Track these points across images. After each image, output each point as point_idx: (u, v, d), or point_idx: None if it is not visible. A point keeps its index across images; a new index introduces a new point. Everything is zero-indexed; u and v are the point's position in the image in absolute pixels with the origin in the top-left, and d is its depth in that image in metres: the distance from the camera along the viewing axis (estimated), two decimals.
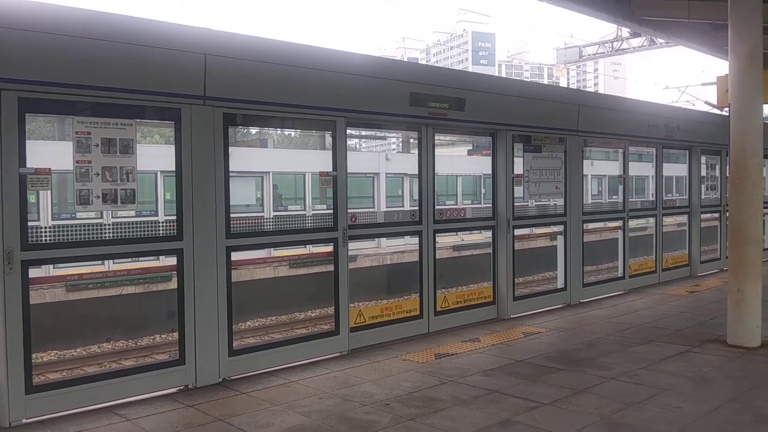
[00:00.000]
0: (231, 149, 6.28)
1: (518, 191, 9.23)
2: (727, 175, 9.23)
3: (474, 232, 14.95)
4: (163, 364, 6.19)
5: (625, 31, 22.13)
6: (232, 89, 6.12)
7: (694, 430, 4.82)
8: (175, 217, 5.90)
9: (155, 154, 14.72)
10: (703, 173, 13.34)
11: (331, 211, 7.11)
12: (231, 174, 6.26)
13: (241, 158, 16.83)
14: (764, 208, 7.78)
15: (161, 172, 16.03)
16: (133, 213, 13.10)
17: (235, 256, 6.40)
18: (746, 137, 7.33)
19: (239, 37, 6.37)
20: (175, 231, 5.88)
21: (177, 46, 5.76)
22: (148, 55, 5.58)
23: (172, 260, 5.98)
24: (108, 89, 5.38)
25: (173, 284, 6.10)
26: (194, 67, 5.83)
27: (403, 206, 21.49)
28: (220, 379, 6.12)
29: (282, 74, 6.50)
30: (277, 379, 6.21)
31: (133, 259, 12.34)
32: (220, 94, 6.02)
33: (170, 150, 5.96)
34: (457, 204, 23.40)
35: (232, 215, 6.26)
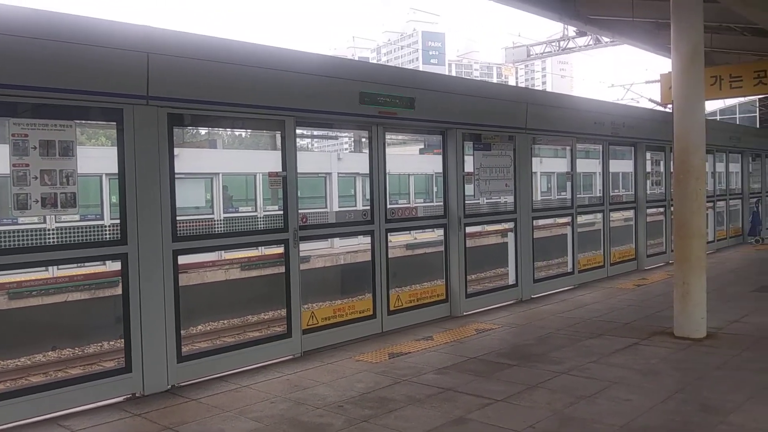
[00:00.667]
0: (179, 150, 6.15)
1: (469, 189, 9.28)
2: (672, 170, 9.44)
3: (427, 230, 15.02)
4: (109, 372, 5.99)
5: (572, 31, 22.55)
6: (176, 89, 5.97)
7: (644, 421, 4.89)
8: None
9: (100, 156, 14.35)
10: (649, 169, 13.65)
11: (282, 212, 7.02)
12: (179, 176, 6.11)
13: (189, 159, 16.58)
14: (707, 202, 8.02)
15: (106, 174, 15.61)
16: (77, 217, 12.74)
17: (184, 259, 6.25)
18: (689, 133, 7.50)
19: (183, 35, 6.22)
20: (119, 235, 5.71)
21: (118, 44, 5.59)
22: (88, 53, 5.39)
23: (118, 265, 5.81)
24: (45, 89, 5.18)
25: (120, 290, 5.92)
26: (136, 66, 5.67)
27: (355, 206, 21.44)
28: (169, 387, 5.97)
29: (228, 73, 6.37)
30: (228, 384, 6.09)
31: (79, 264, 11.99)
32: (164, 94, 5.87)
33: (115, 152, 5.78)
34: (409, 203, 23.47)
35: (179, 218, 6.11)
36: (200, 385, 6.09)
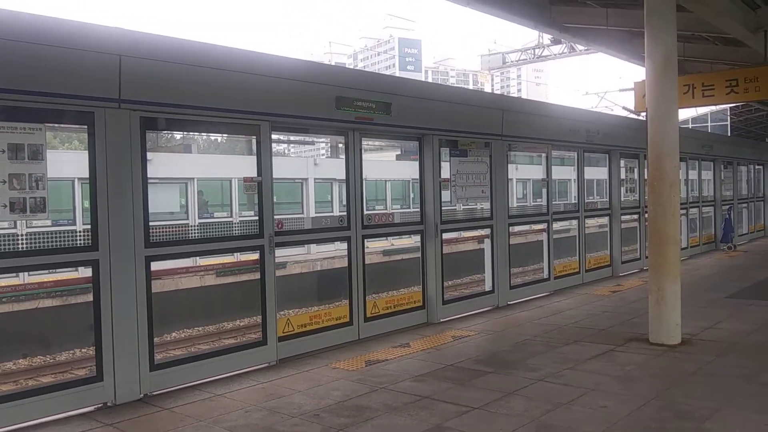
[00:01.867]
0: (152, 155, 6.04)
1: (446, 195, 9.27)
2: (646, 177, 9.51)
3: (404, 236, 15.00)
4: (80, 381, 5.88)
5: (547, 39, 22.76)
6: (149, 92, 5.88)
7: (620, 428, 4.89)
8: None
9: (72, 161, 14.12)
10: (623, 176, 13.77)
11: (257, 218, 6.94)
12: (153, 180, 6.01)
13: (163, 164, 16.38)
14: (681, 209, 8.08)
15: (78, 179, 15.37)
16: (49, 222, 12.52)
17: (158, 265, 6.14)
18: (663, 141, 7.57)
19: (157, 38, 6.13)
20: (90, 241, 5.59)
21: (89, 46, 5.48)
22: (58, 55, 5.29)
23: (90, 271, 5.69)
24: (14, 92, 5.07)
25: None
26: (108, 69, 5.57)
27: (332, 212, 21.36)
28: (141, 396, 5.86)
29: (202, 77, 6.29)
30: (201, 393, 5.99)
31: (50, 270, 11.77)
32: (137, 97, 5.77)
33: (87, 156, 5.67)
34: (386, 209, 23.45)
35: (152, 223, 6.01)
36: (173, 394, 5.98)
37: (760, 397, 5.53)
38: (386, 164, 23.81)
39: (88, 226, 5.66)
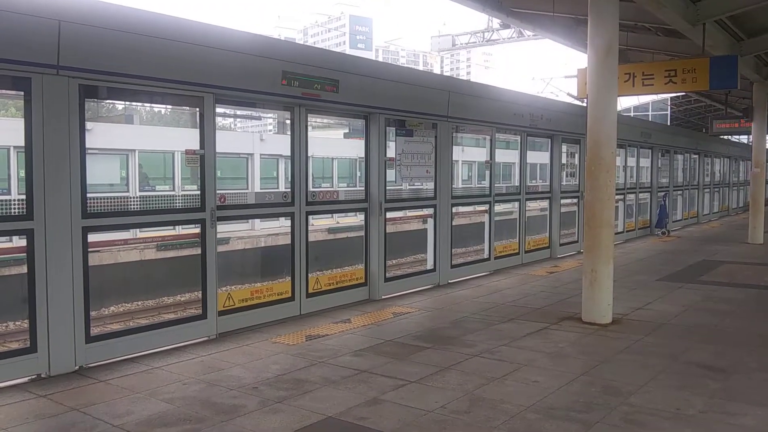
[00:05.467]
0: (92, 125, 5.91)
1: (391, 175, 9.34)
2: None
3: (349, 214, 15.04)
4: (13, 352, 5.77)
5: (496, 23, 22.92)
6: (89, 59, 5.73)
7: (550, 402, 5.08)
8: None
9: (7, 128, 13.61)
10: (564, 161, 14.09)
11: (199, 192, 6.87)
12: (92, 151, 5.88)
13: (104, 134, 15.94)
14: (618, 194, 8.35)
15: (14, 147, 14.85)
16: None
17: (96, 237, 6.03)
18: (601, 127, 7.78)
19: (99, 4, 5.95)
20: (25, 210, 5.46)
21: (26, 9, 5.30)
22: None
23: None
24: None
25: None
26: (46, 34, 5.41)
27: (278, 188, 21.21)
28: (77, 367, 5.79)
29: (146, 45, 6.16)
30: (139, 365, 5.95)
31: None
32: (76, 64, 5.62)
33: (23, 123, 5.51)
34: (333, 187, 23.40)
35: (90, 194, 5.89)
36: (110, 366, 5.93)
37: (683, 375, 5.81)
38: (334, 142, 23.70)
39: (23, 196, 5.53)
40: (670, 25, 12.32)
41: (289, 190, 8.06)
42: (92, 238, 6.01)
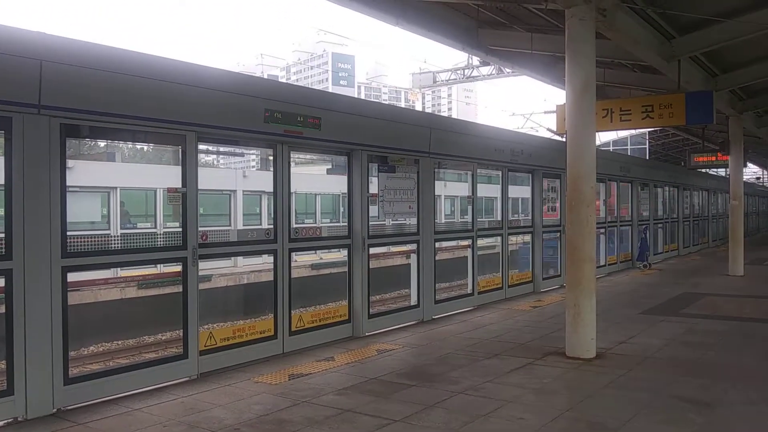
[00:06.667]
0: (74, 162, 5.88)
1: (374, 210, 9.36)
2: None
3: (333, 250, 14.98)
4: None
5: (476, 60, 23.29)
6: (71, 99, 5.73)
7: None
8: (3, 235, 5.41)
9: None
10: (545, 195, 14.18)
11: (181, 230, 6.83)
12: (73, 189, 5.85)
13: (85, 172, 15.86)
14: (599, 228, 8.40)
15: None
16: None
17: (76, 276, 5.96)
18: (581, 162, 7.88)
19: (81, 43, 5.99)
20: (4, 250, 5.39)
21: (9, 49, 5.32)
22: None
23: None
24: None
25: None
26: (28, 74, 5.42)
27: (261, 224, 21.14)
28: (55, 410, 5.66)
29: (127, 85, 6.18)
30: (118, 407, 5.84)
31: None
32: (58, 104, 5.62)
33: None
34: (315, 222, 23.37)
35: (70, 233, 5.84)
36: (89, 408, 5.80)
37: (668, 409, 5.79)
38: (317, 178, 23.77)
39: (2, 235, 5.46)
40: (646, 61, 12.58)
41: (272, 226, 8.04)
42: (72, 277, 5.94)
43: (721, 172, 35.28)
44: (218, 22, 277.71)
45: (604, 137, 41.81)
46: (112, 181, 17.60)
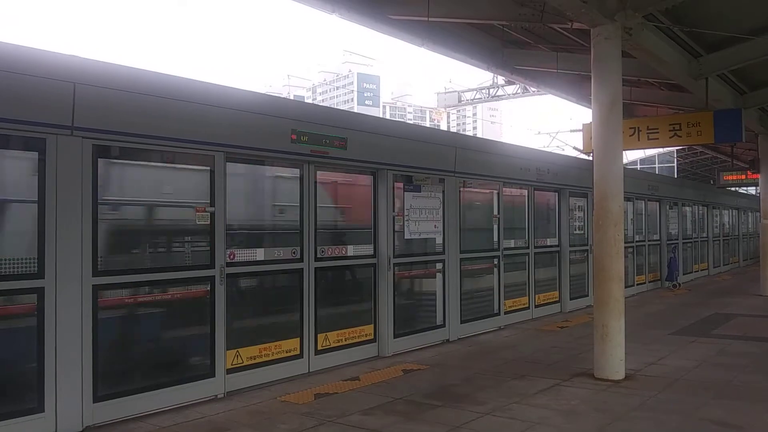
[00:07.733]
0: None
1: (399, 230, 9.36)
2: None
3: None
4: (20, 411, 5.69)
5: (501, 79, 23.30)
6: (103, 120, 5.87)
7: None
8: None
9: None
10: (572, 215, 14.08)
11: (209, 248, 6.91)
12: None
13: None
14: (628, 247, 8.30)
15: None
16: None
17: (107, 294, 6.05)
18: (608, 181, 7.83)
19: (112, 66, 6.14)
20: (36, 268, 5.50)
21: (44, 73, 5.47)
22: (12, 81, 5.26)
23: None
24: None
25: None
26: (62, 96, 5.56)
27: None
28: (83, 428, 5.73)
29: (158, 106, 6.31)
30: (146, 425, 5.89)
31: None
32: (90, 125, 5.76)
33: None
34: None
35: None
36: (117, 425, 5.87)
37: None
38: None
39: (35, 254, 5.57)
40: (672, 80, 12.49)
41: (299, 246, 8.08)
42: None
43: (752, 190, 34.77)
44: (247, 43, 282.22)
45: (631, 156, 41.50)
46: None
